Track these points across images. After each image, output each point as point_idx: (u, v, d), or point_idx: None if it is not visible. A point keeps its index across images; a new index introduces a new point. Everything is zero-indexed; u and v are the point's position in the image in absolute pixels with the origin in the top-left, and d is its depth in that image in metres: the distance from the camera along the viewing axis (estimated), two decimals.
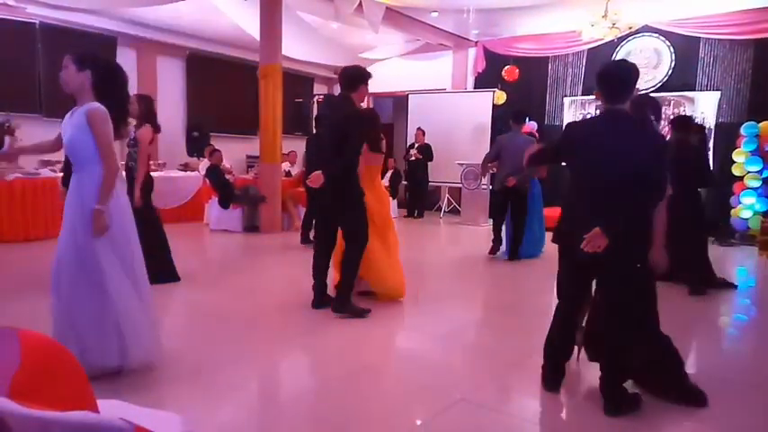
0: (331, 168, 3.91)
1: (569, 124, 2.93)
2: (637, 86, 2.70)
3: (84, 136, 2.72)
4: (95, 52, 3.02)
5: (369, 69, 4.13)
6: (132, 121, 4.81)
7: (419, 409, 2.68)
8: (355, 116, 4.01)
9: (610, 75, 2.69)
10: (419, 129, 10.69)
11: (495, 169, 6.80)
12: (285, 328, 3.94)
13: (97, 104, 2.74)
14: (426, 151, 10.51)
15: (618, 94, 2.63)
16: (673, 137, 5.25)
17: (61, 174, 5.64)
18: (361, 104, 4.22)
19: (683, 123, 5.32)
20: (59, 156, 3.99)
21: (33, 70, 8.17)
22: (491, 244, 6.71)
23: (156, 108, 5.07)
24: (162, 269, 4.69)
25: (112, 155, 2.75)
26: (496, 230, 6.67)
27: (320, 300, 4.18)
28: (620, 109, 2.64)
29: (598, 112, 9.56)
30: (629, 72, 2.65)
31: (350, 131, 3.92)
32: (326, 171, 3.91)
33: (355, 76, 4.05)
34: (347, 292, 4.07)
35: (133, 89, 9.32)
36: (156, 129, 4.81)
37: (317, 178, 3.91)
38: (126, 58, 9.36)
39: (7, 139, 6.74)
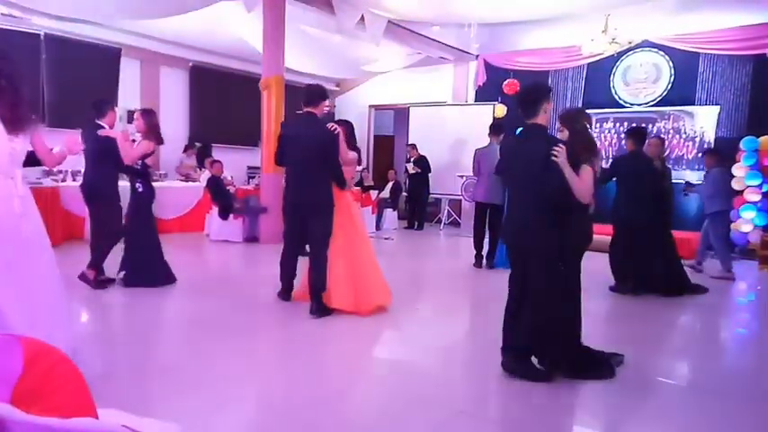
0: (342, 183, 4.49)
1: (503, 144, 3.41)
2: (545, 103, 3.18)
3: None
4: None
5: (370, 81, 4.36)
6: (138, 136, 5.06)
7: (419, 421, 2.67)
8: (330, 134, 4.36)
9: (523, 96, 3.35)
10: (408, 145, 10.92)
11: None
12: (282, 339, 3.94)
13: None
14: (423, 164, 10.57)
15: (531, 111, 3.20)
16: (632, 148, 5.51)
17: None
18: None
19: (641, 135, 5.59)
20: (62, 165, 4.01)
21: (37, 81, 8.21)
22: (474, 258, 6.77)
23: (158, 121, 5.22)
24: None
25: None
26: (479, 243, 6.76)
27: (289, 294, 4.68)
28: (532, 123, 3.21)
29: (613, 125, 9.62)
30: (537, 92, 3.23)
31: (329, 148, 4.34)
32: (341, 185, 4.49)
33: (318, 94, 4.47)
34: (321, 295, 4.34)
35: (136, 100, 9.49)
36: (159, 141, 5.09)
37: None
38: (130, 70, 9.45)
39: None
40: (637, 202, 5.32)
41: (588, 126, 3.22)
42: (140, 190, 5.00)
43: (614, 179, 5.60)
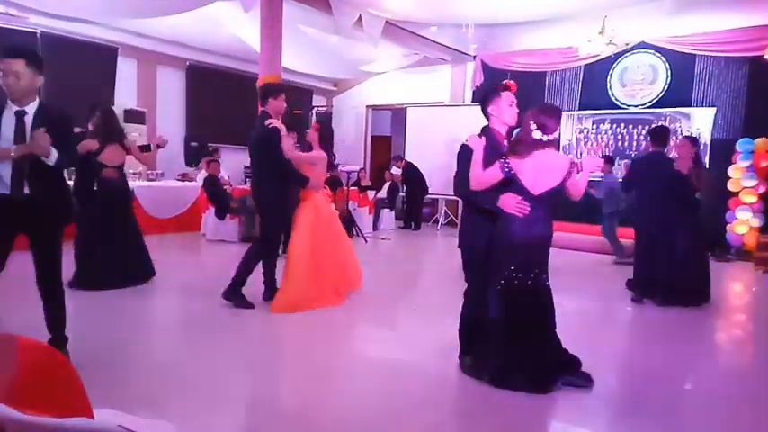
0: (299, 182, 4.56)
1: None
2: (490, 106, 3.36)
3: None
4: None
5: (368, 82, 4.35)
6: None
7: (416, 422, 2.67)
8: (266, 132, 4.32)
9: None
10: (394, 159, 11.34)
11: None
12: (278, 340, 3.94)
13: None
14: (410, 171, 10.75)
15: (486, 119, 3.39)
16: (652, 149, 5.23)
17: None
18: (275, 118, 4.42)
19: (662, 135, 5.25)
20: None
21: None
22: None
23: (109, 118, 5.12)
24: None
25: None
26: None
27: (273, 293, 4.63)
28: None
29: (597, 125, 9.67)
30: (481, 100, 3.41)
31: (265, 146, 4.35)
32: (298, 183, 4.58)
33: (264, 92, 4.57)
34: (240, 283, 4.50)
35: (133, 99, 9.47)
36: (104, 139, 4.91)
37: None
38: (127, 69, 9.43)
39: None
40: (658, 209, 4.99)
41: (534, 121, 3.04)
42: (95, 189, 4.99)
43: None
